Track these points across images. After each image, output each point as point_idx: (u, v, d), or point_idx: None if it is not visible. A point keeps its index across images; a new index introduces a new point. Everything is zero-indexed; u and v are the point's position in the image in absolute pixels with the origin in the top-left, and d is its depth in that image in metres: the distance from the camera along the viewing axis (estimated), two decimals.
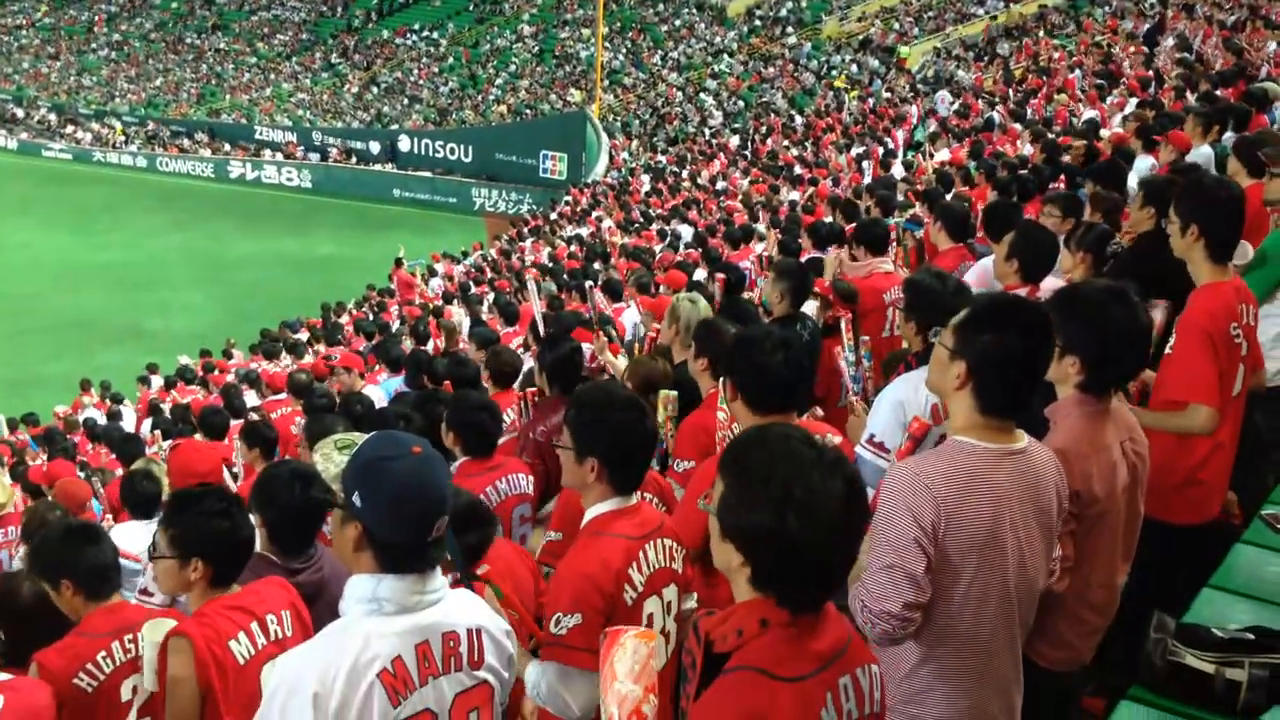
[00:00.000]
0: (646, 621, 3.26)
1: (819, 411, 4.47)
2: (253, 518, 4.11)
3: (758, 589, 2.25)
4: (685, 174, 28.51)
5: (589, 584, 3.14)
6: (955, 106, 24.35)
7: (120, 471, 9.35)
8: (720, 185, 24.78)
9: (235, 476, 7.17)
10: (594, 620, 3.12)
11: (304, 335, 19.90)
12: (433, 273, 24.83)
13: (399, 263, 24.63)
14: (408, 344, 12.37)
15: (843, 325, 5.45)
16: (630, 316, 10.32)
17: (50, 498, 7.76)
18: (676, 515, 3.84)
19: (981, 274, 6.18)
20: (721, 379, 3.90)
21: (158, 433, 12.27)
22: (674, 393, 4.98)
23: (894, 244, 8.97)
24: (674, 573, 3.37)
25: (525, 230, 28.63)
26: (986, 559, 2.91)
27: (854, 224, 8.69)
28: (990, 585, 2.93)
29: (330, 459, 2.73)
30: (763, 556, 2.21)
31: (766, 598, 2.24)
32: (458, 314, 16.94)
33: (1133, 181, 8.31)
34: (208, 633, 3.36)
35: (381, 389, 9.51)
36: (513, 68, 46.97)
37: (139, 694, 3.78)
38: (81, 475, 9.38)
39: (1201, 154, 8.53)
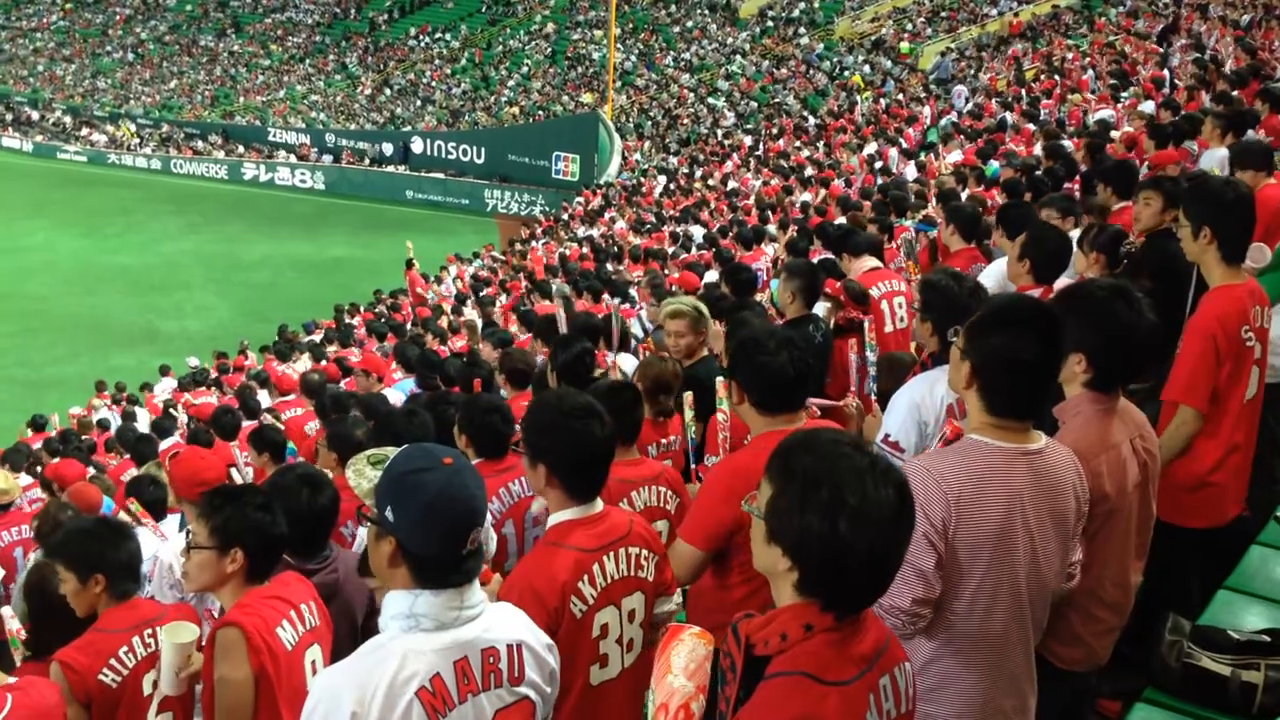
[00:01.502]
0: (600, 632, 3.23)
1: (816, 411, 4.47)
2: None
3: (804, 594, 2.23)
4: (698, 175, 28.53)
5: (533, 597, 3.10)
6: (969, 106, 24.31)
7: (129, 474, 9.38)
8: (732, 186, 24.77)
9: (244, 478, 7.19)
10: None
11: (318, 337, 19.96)
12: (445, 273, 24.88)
13: (410, 264, 24.67)
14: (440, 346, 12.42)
15: (866, 326, 5.45)
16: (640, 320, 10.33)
17: (62, 498, 7.79)
18: (688, 515, 3.82)
19: (997, 275, 6.17)
20: (728, 382, 3.87)
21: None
22: (689, 393, 5.00)
23: (898, 245, 8.98)
24: (640, 581, 3.33)
25: (539, 231, 28.66)
26: (997, 557, 2.91)
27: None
28: (1001, 583, 2.92)
29: (363, 474, 2.73)
30: (812, 562, 2.20)
31: (811, 602, 2.23)
32: (470, 314, 16.98)
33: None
34: (256, 621, 3.39)
35: (398, 390, 9.54)
36: (525, 69, 47.04)
37: (159, 689, 3.80)
38: (91, 474, 9.40)
39: (1217, 156, 8.51)
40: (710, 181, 26.49)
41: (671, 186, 27.96)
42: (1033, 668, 3.10)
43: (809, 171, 21.54)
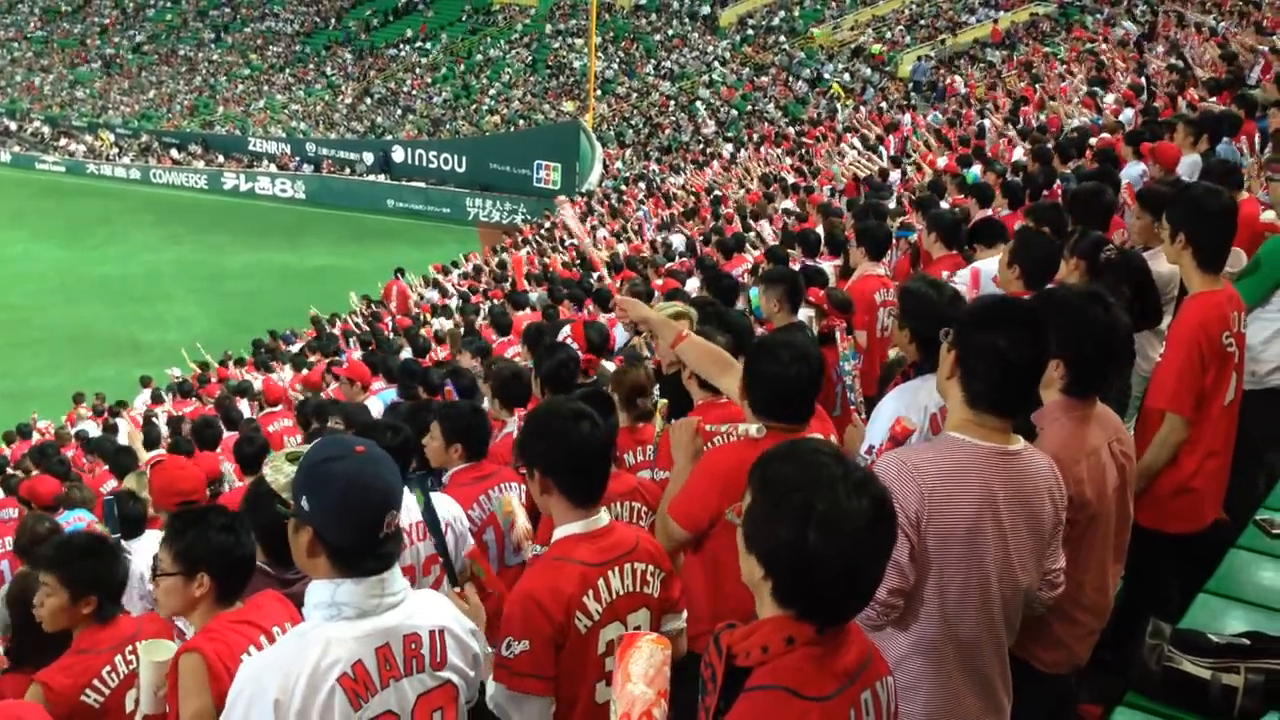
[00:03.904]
0: (605, 649, 3.22)
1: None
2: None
3: (781, 604, 2.23)
4: (679, 182, 28.55)
5: (539, 611, 3.11)
6: (948, 116, 24.42)
7: (111, 485, 9.33)
8: (714, 194, 24.78)
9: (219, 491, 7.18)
10: (542, 648, 3.10)
11: (297, 346, 19.91)
12: (429, 283, 24.85)
13: (401, 271, 24.61)
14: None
15: (838, 335, 5.45)
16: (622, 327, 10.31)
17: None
18: (680, 491, 3.81)
19: (990, 274, 6.18)
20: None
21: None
22: (665, 400, 5.01)
23: (890, 251, 9.00)
24: (645, 597, 3.32)
25: (519, 239, 28.63)
26: (968, 554, 2.91)
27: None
28: (971, 581, 2.93)
29: (280, 470, 2.77)
30: (782, 571, 2.20)
31: (792, 614, 2.22)
32: (443, 324, 16.98)
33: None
34: (219, 647, 3.34)
35: (379, 400, 9.51)
36: (506, 78, 47.03)
37: (139, 708, 3.76)
38: (69, 486, 9.33)
39: (1189, 163, 8.54)
40: (691, 189, 26.51)
41: (653, 195, 27.97)
42: (1007, 671, 3.10)
43: (790, 179, 21.57)
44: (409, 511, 3.62)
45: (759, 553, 2.23)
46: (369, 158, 42.28)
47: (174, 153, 46.61)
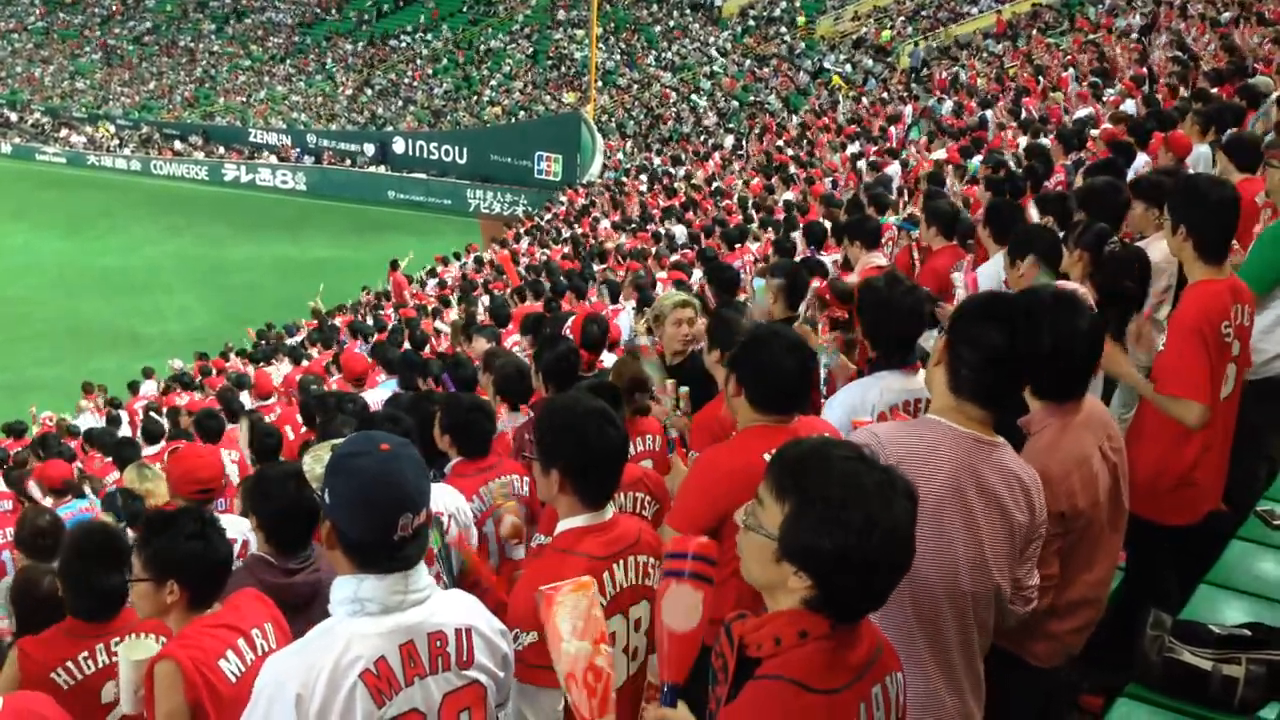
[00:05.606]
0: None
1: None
2: (250, 519, 4.11)
3: (814, 608, 2.21)
4: (680, 174, 28.55)
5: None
6: (949, 106, 24.38)
7: (114, 476, 9.34)
8: (715, 185, 24.79)
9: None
10: None
11: (299, 337, 19.89)
12: (432, 274, 24.85)
13: (395, 264, 24.61)
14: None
15: (812, 330, 5.44)
16: (626, 318, 10.32)
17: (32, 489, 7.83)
18: (676, 504, 3.80)
19: (993, 275, 6.17)
20: (726, 373, 3.87)
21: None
22: (685, 389, 5.01)
23: (891, 243, 9.00)
24: (647, 589, 3.29)
25: (521, 231, 28.63)
26: (934, 537, 2.85)
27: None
28: (934, 574, 2.86)
29: (320, 460, 2.75)
30: (836, 580, 2.17)
31: (811, 611, 2.21)
32: (448, 317, 16.99)
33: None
34: (194, 654, 3.31)
35: (383, 388, 9.51)
36: (507, 69, 46.98)
37: (119, 707, 3.72)
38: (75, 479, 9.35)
39: (1199, 153, 8.52)
40: (694, 180, 26.51)
41: (656, 187, 27.98)
42: (978, 673, 3.04)
43: (791, 170, 21.55)
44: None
45: (807, 563, 2.18)
46: (370, 149, 42.26)
47: (175, 144, 46.57)
